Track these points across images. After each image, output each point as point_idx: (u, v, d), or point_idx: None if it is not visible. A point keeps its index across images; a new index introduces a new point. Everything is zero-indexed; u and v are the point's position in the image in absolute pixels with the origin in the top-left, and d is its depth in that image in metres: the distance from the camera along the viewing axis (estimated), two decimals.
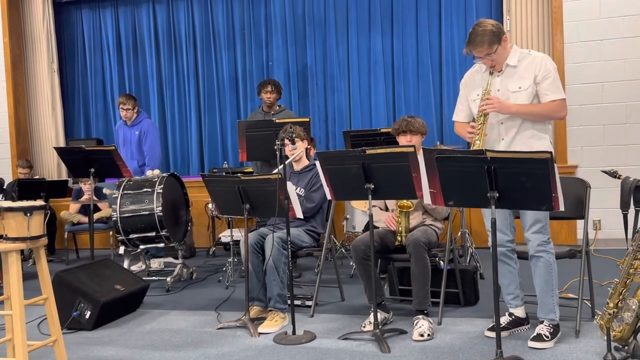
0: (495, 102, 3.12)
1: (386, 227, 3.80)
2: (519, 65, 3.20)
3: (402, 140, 3.75)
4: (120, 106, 5.86)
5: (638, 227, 2.79)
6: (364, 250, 3.58)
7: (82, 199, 6.54)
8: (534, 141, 3.16)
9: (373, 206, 3.49)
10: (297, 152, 4.14)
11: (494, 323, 3.03)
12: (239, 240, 4.21)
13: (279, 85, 5.73)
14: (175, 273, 5.08)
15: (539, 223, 3.16)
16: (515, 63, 3.20)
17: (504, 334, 3.25)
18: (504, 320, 3.37)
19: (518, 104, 3.15)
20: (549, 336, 3.14)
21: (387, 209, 3.92)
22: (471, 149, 3.12)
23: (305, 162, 4.25)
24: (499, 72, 3.23)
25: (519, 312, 3.40)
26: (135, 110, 5.89)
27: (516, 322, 3.38)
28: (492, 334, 3.29)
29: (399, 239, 3.69)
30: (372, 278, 3.50)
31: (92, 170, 5.02)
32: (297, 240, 3.97)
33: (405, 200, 3.62)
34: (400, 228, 3.69)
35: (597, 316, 2.86)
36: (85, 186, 6.54)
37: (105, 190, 5.40)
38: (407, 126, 3.75)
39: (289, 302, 3.72)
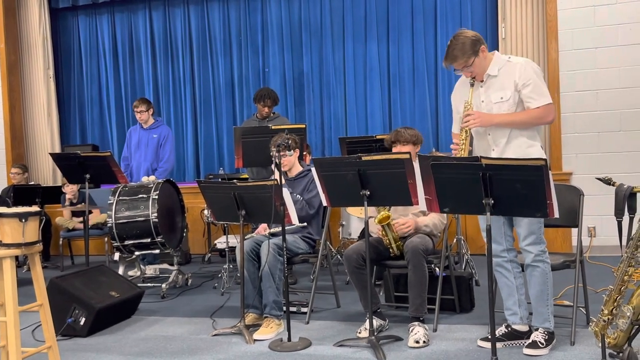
0: (477, 117, 3.10)
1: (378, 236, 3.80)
2: (500, 75, 3.16)
3: (395, 151, 3.77)
4: (134, 109, 5.99)
5: (632, 234, 2.80)
6: (356, 259, 3.58)
7: (68, 203, 6.52)
8: (525, 149, 3.13)
9: (370, 217, 3.49)
10: (289, 163, 4.14)
11: (489, 333, 3.03)
12: (235, 247, 4.21)
13: (277, 100, 5.75)
14: (170, 280, 5.07)
15: (532, 235, 3.14)
16: (496, 72, 3.16)
17: (497, 345, 3.21)
18: (500, 331, 3.30)
19: (501, 114, 3.13)
20: (544, 343, 3.14)
21: None
22: None
23: (298, 168, 4.25)
24: (481, 82, 3.20)
25: (518, 326, 3.31)
26: (150, 113, 6.00)
27: (512, 335, 3.31)
28: (485, 344, 3.28)
29: (391, 250, 3.70)
30: (366, 287, 3.49)
31: (88, 176, 5.02)
32: (292, 247, 3.97)
33: (381, 213, 3.62)
34: (387, 240, 3.70)
35: (591, 323, 2.86)
36: (69, 187, 6.50)
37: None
38: (397, 136, 3.79)
39: (284, 308, 3.71)
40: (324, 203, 3.52)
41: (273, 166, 3.69)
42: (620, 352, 2.78)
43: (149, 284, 5.12)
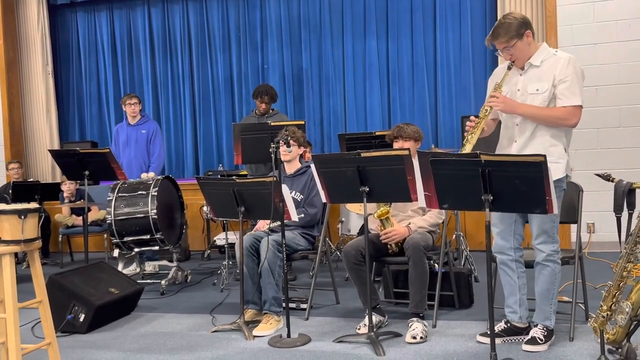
0: (501, 100, 3.07)
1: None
2: (542, 66, 3.11)
3: (396, 146, 3.77)
4: (127, 101, 5.97)
5: (631, 230, 2.80)
6: (355, 255, 3.58)
7: (66, 201, 6.52)
8: (547, 147, 3.06)
9: (369, 214, 3.49)
10: (290, 155, 4.13)
11: (488, 329, 3.03)
12: (234, 243, 4.21)
13: (276, 96, 5.73)
14: (169, 276, 5.07)
15: (544, 234, 3.12)
16: (538, 63, 3.11)
17: (496, 341, 3.19)
18: (499, 327, 3.30)
19: (525, 104, 3.08)
20: (543, 339, 3.14)
21: None
22: (463, 144, 3.09)
23: (297, 165, 4.24)
24: (521, 69, 3.15)
25: (518, 322, 3.31)
26: (139, 109, 6.00)
27: (512, 331, 3.30)
28: (484, 340, 3.28)
29: (389, 247, 3.69)
30: (365, 283, 3.49)
31: (87, 173, 5.01)
32: (292, 243, 3.97)
33: (380, 209, 3.62)
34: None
35: (590, 319, 2.86)
36: (66, 185, 6.50)
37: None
38: (399, 132, 3.79)
39: (283, 305, 3.72)
40: (323, 199, 3.52)
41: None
42: (619, 348, 2.78)
43: (148, 281, 5.12)
